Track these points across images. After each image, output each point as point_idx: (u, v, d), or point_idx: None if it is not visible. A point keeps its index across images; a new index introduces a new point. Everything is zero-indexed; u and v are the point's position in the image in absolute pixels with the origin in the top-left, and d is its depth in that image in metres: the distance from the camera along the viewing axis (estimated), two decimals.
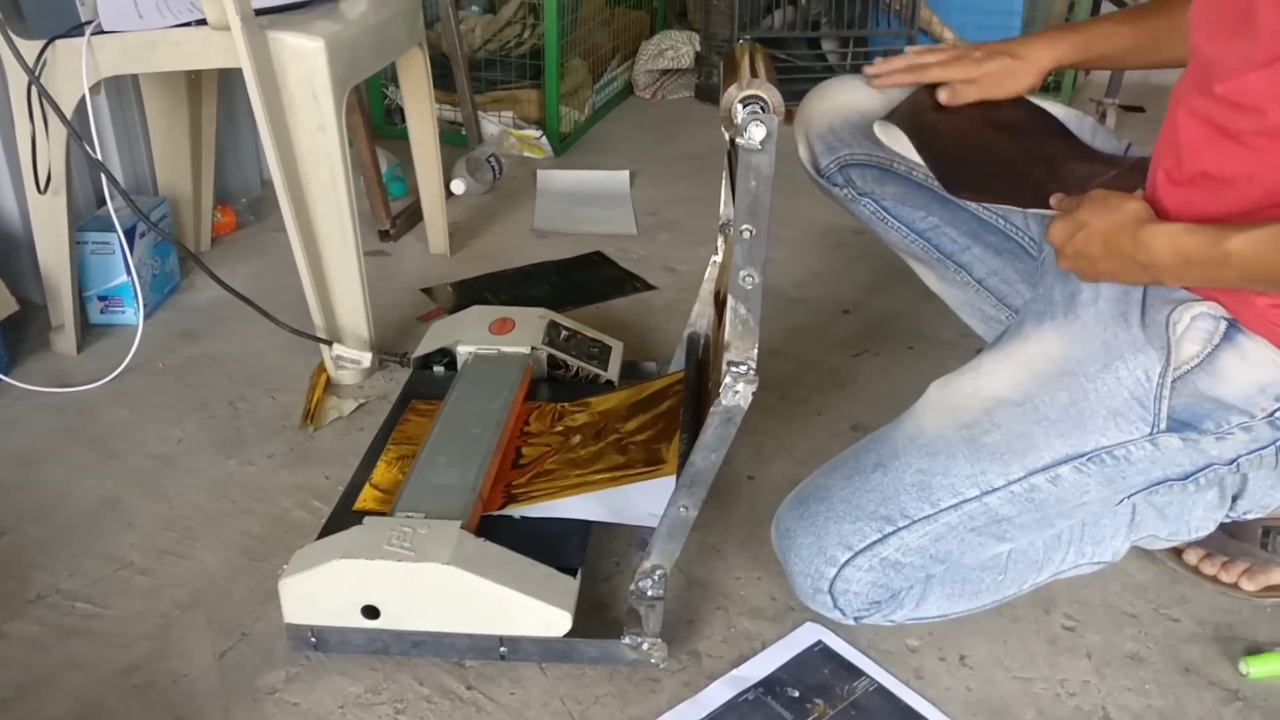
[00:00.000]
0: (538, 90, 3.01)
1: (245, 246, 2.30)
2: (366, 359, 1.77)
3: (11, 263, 1.88)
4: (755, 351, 1.03)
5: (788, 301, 2.11)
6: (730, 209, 1.43)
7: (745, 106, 0.96)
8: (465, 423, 1.45)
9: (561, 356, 1.65)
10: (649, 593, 1.18)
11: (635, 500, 1.36)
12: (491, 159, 2.69)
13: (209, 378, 1.80)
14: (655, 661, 1.22)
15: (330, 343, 1.75)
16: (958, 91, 1.40)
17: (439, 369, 1.70)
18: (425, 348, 1.70)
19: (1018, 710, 1.20)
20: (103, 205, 1.94)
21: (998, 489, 1.12)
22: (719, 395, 1.03)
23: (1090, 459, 1.10)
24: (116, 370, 1.76)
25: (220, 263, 2.10)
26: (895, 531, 1.14)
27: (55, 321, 1.84)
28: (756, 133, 0.95)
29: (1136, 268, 1.06)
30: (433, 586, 1.16)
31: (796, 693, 1.20)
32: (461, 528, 1.21)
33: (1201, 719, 1.19)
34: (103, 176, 1.65)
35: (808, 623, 1.29)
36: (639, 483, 1.37)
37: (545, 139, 2.95)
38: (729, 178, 1.40)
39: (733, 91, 0.97)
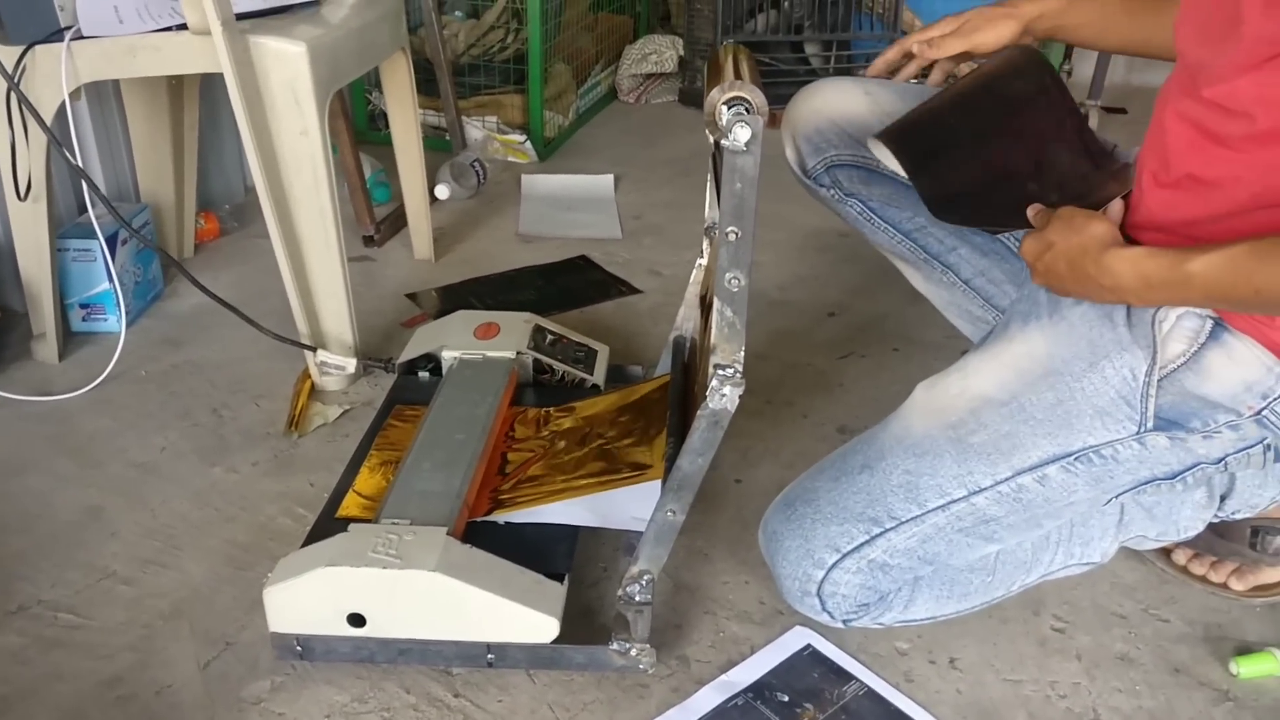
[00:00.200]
0: (521, 95, 3.01)
1: (229, 253, 2.29)
2: (351, 365, 1.76)
3: None
4: (742, 354, 1.02)
5: (773, 304, 2.11)
6: (715, 212, 1.43)
7: (730, 108, 0.95)
8: (450, 428, 1.44)
9: (547, 361, 1.64)
10: (637, 598, 1.17)
11: (621, 505, 1.36)
12: (476, 164, 2.68)
13: (192, 385, 1.79)
14: (644, 667, 1.21)
15: (315, 349, 1.74)
16: (940, 45, 1.41)
17: (424, 374, 1.69)
18: (410, 353, 1.70)
19: (1008, 713, 1.20)
20: (84, 212, 1.92)
21: (985, 489, 1.12)
22: (706, 399, 1.03)
23: (1078, 458, 1.10)
24: (99, 378, 1.75)
25: (203, 269, 2.09)
26: (883, 533, 1.14)
27: (36, 329, 1.82)
28: (741, 134, 0.95)
29: (1101, 289, 1.06)
30: (419, 594, 1.16)
31: (786, 697, 1.20)
32: (447, 534, 1.20)
33: (1192, 719, 1.19)
34: (83, 183, 1.64)
35: (796, 626, 1.29)
36: (625, 488, 1.36)
37: (529, 144, 2.94)
38: (714, 180, 1.39)
39: (716, 93, 0.96)
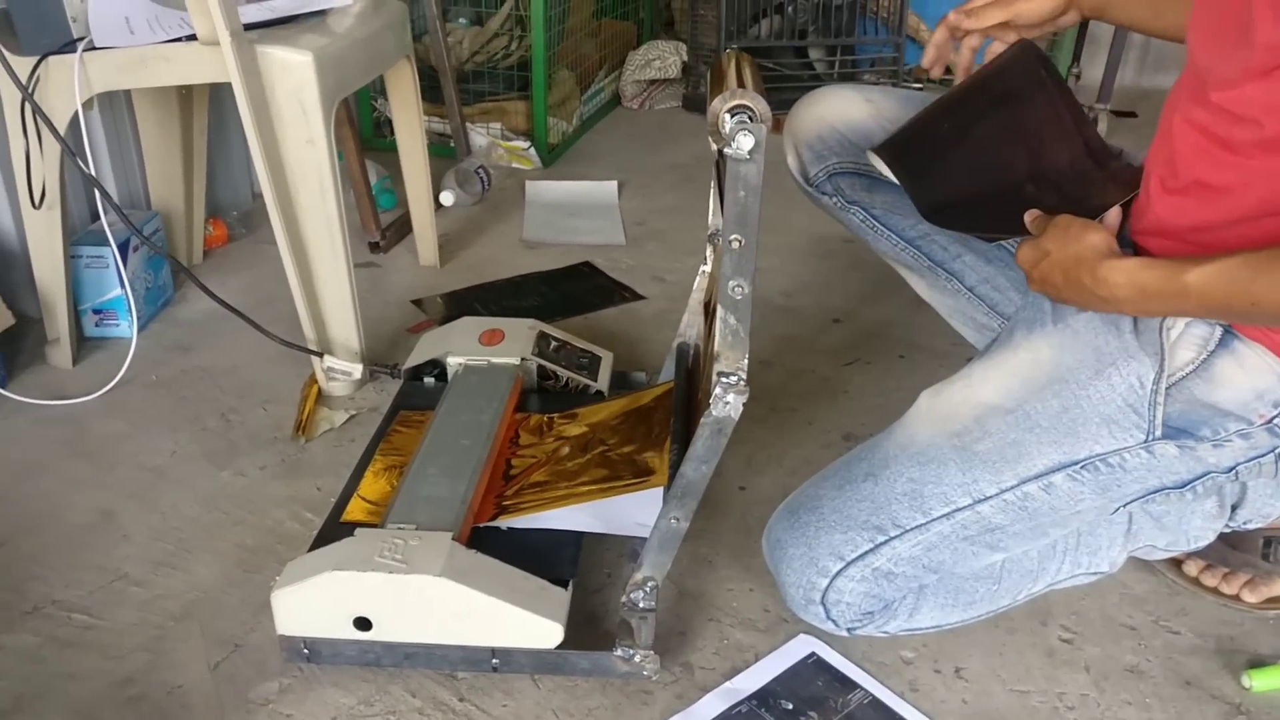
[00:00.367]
0: (525, 102, 3.02)
1: (237, 259, 2.31)
2: (357, 370, 1.77)
3: (7, 277, 1.88)
4: (746, 362, 1.03)
5: (778, 311, 2.11)
6: (719, 219, 1.44)
7: (733, 116, 0.95)
8: (456, 434, 1.45)
9: (551, 367, 1.65)
10: (641, 604, 1.18)
11: (624, 511, 1.37)
12: (480, 170, 2.69)
13: (201, 390, 1.80)
14: (648, 673, 1.22)
15: (321, 354, 1.75)
16: (979, 15, 1.37)
17: (429, 380, 1.70)
18: (416, 359, 1.71)
19: None
20: (96, 220, 1.94)
21: (990, 497, 1.11)
22: (709, 406, 1.03)
23: (1084, 466, 1.09)
24: (111, 383, 1.76)
25: (212, 275, 2.11)
26: (887, 541, 1.14)
27: (50, 335, 1.84)
28: (744, 142, 0.95)
29: (1097, 300, 1.06)
30: (425, 598, 1.16)
31: (790, 705, 1.20)
32: (453, 539, 1.21)
33: None
34: (96, 191, 1.65)
35: (801, 634, 1.29)
36: (628, 494, 1.37)
37: (533, 150, 2.95)
38: (717, 188, 1.40)
39: (720, 101, 0.97)
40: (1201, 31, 1.09)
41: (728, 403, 1.03)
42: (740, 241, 1.00)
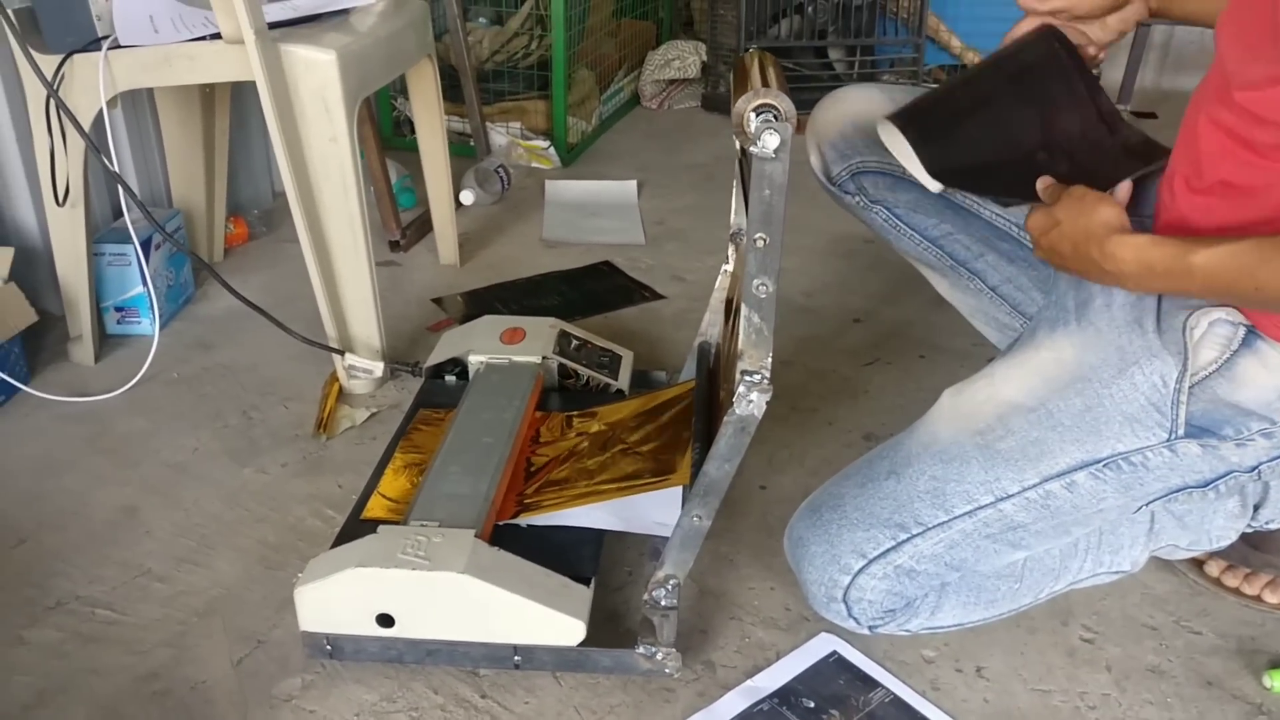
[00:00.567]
0: (545, 101, 3.03)
1: (257, 257, 2.32)
2: (378, 368, 1.78)
3: (30, 274, 1.89)
4: (769, 360, 1.03)
5: (799, 311, 2.11)
6: (741, 218, 1.44)
7: (758, 115, 0.95)
8: (477, 432, 1.46)
9: (572, 366, 1.65)
10: (663, 602, 1.18)
11: (644, 510, 1.37)
12: (500, 170, 2.70)
13: (223, 387, 1.81)
14: (670, 671, 1.22)
15: (343, 352, 1.76)
16: None
17: (450, 378, 1.71)
18: (437, 357, 1.71)
19: None
20: (119, 218, 1.95)
21: (1012, 495, 1.11)
22: (733, 404, 1.03)
23: (1106, 465, 1.09)
24: (133, 380, 1.77)
25: (233, 273, 2.11)
26: (909, 539, 1.14)
27: (73, 332, 1.85)
28: (770, 141, 0.95)
29: (1102, 273, 1.07)
30: (447, 595, 1.17)
31: (812, 703, 1.20)
32: (475, 536, 1.22)
33: None
34: (120, 189, 1.66)
35: (822, 633, 1.29)
36: (648, 493, 1.37)
37: (553, 149, 2.96)
38: (740, 186, 1.40)
39: (745, 100, 0.97)
40: (1230, 29, 1.08)
41: (751, 401, 1.03)
42: (765, 240, 1.00)
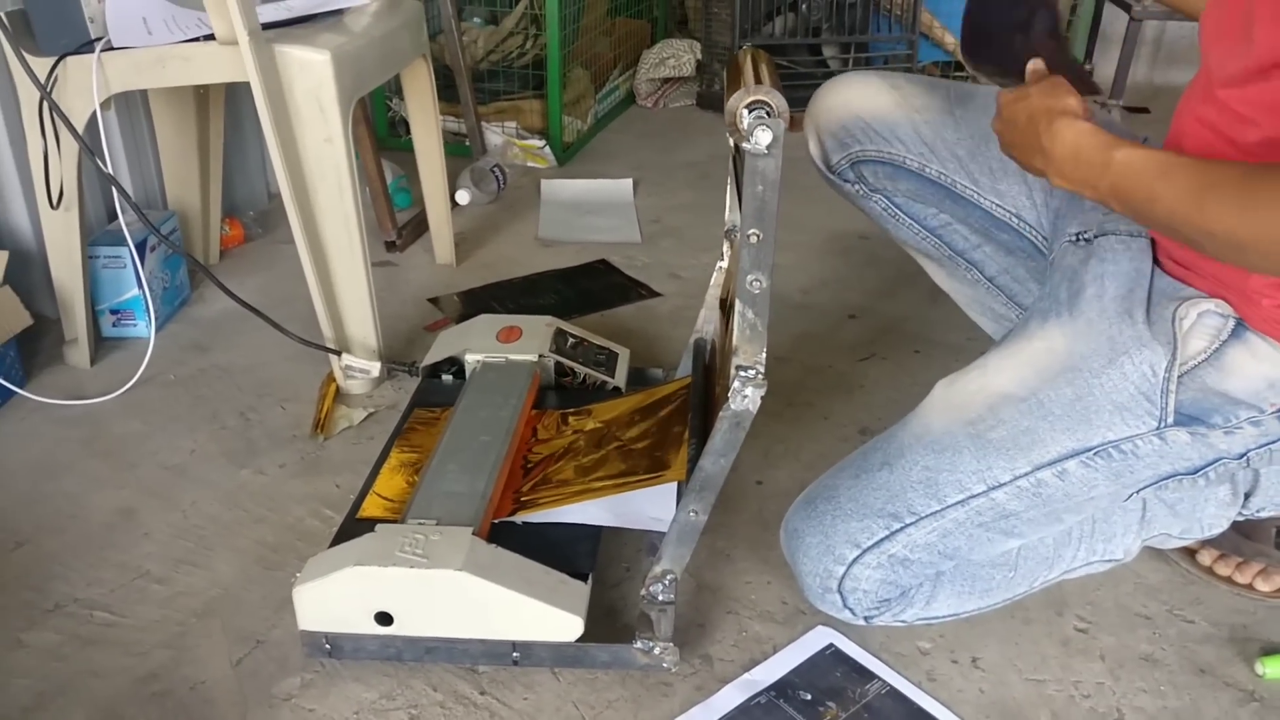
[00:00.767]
0: (540, 100, 3.03)
1: (253, 259, 2.32)
2: (375, 368, 1.78)
3: (25, 277, 1.89)
4: (763, 356, 1.03)
5: (794, 307, 2.12)
6: (736, 215, 1.44)
7: (751, 112, 0.96)
8: (475, 430, 1.46)
9: (569, 364, 1.66)
10: (660, 597, 1.18)
11: (639, 506, 1.37)
12: (495, 169, 2.70)
13: (220, 389, 1.81)
14: (667, 666, 1.22)
15: (339, 353, 1.76)
16: None
17: (447, 377, 1.71)
18: (434, 356, 1.71)
19: (1031, 713, 1.20)
20: (114, 220, 1.95)
21: (1004, 484, 1.12)
22: (728, 400, 1.04)
23: (1097, 453, 1.10)
24: (129, 383, 1.77)
25: (229, 275, 2.11)
26: (903, 528, 1.15)
27: (68, 335, 1.85)
28: (763, 138, 0.96)
29: (1036, 151, 1.08)
30: (446, 593, 1.17)
31: (809, 696, 1.20)
32: (473, 534, 1.22)
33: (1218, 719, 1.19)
34: (114, 191, 1.66)
35: (819, 626, 1.30)
36: (642, 489, 1.37)
37: (548, 149, 2.96)
38: (734, 183, 1.40)
39: (738, 97, 0.97)
40: (1211, 27, 1.10)
41: (746, 396, 1.03)
42: (758, 236, 1.00)
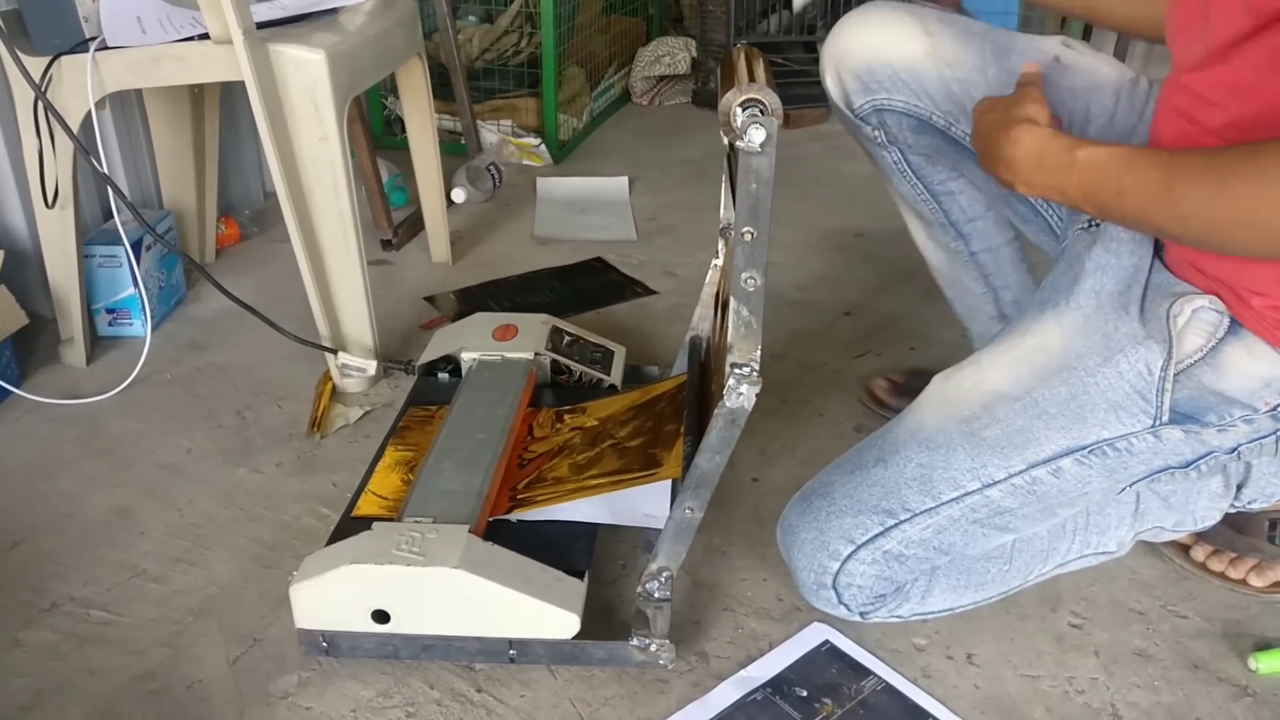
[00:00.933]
0: (536, 98, 3.03)
1: (249, 258, 2.32)
2: (372, 367, 1.78)
3: (20, 277, 1.89)
4: (758, 353, 1.03)
5: (789, 304, 2.12)
6: (730, 212, 1.45)
7: (744, 110, 0.96)
8: (471, 428, 1.46)
9: (565, 362, 1.66)
10: (656, 594, 1.19)
11: (633, 502, 1.38)
12: (491, 167, 2.70)
13: (216, 388, 1.81)
14: (663, 663, 1.23)
15: (335, 351, 1.76)
16: None
17: (444, 376, 1.71)
18: (430, 355, 1.71)
19: (1026, 708, 1.20)
20: (109, 219, 1.95)
21: (998, 482, 1.12)
22: (723, 397, 1.04)
23: (1091, 451, 1.10)
24: (125, 382, 1.77)
25: (225, 274, 2.11)
26: (897, 524, 1.15)
27: (64, 334, 1.85)
28: (756, 136, 0.96)
29: (998, 158, 1.10)
30: (442, 590, 1.17)
31: (804, 692, 1.21)
32: (469, 532, 1.22)
33: (1211, 715, 1.19)
34: (109, 190, 1.66)
35: (815, 623, 1.30)
36: (637, 487, 1.38)
37: (544, 147, 2.96)
38: (728, 181, 1.41)
39: (731, 95, 0.97)
40: (1174, 17, 1.12)
41: (741, 393, 1.04)
42: (752, 234, 1.01)
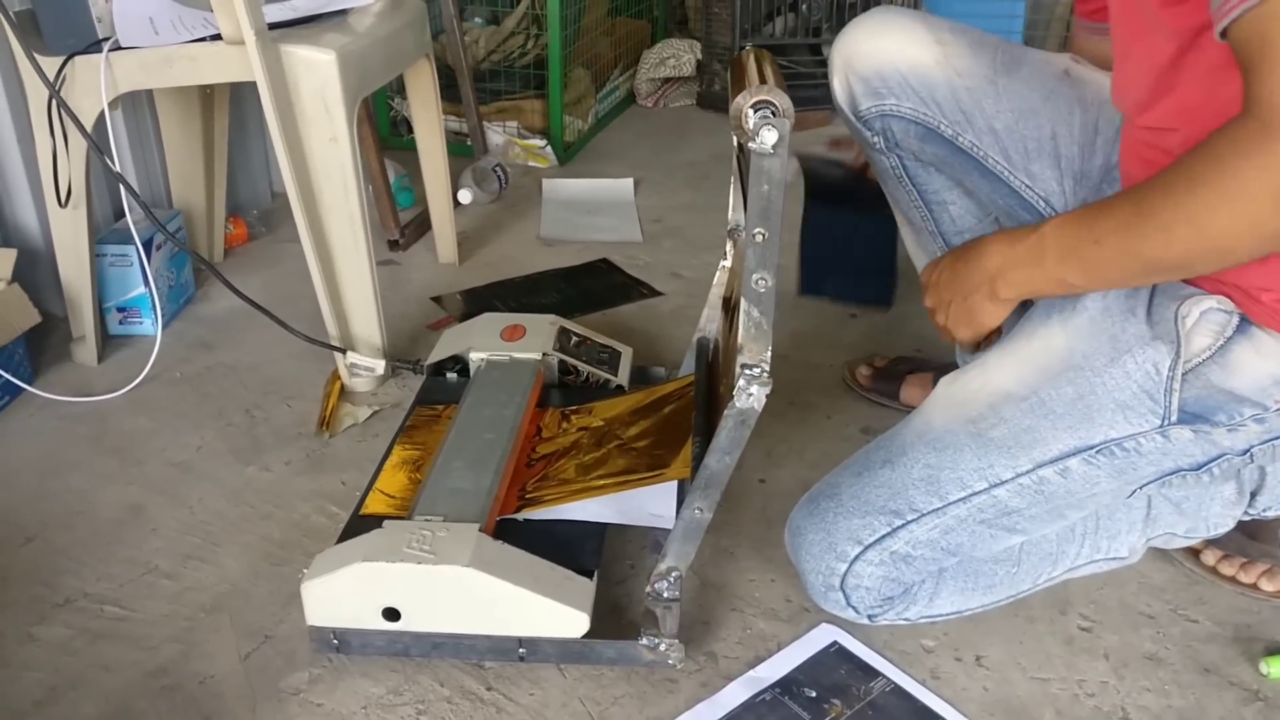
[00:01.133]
0: (541, 100, 3.04)
1: (257, 257, 2.33)
2: (380, 366, 1.79)
3: (33, 275, 1.90)
4: (769, 354, 1.04)
5: (796, 306, 2.12)
6: (739, 214, 1.45)
7: (756, 111, 0.96)
8: (480, 428, 1.47)
9: (572, 362, 1.67)
10: (665, 594, 1.19)
11: (639, 501, 1.38)
12: (497, 169, 2.71)
13: (225, 386, 1.82)
14: (672, 662, 1.23)
15: (344, 350, 1.77)
16: None
17: (452, 375, 1.72)
18: (438, 354, 1.72)
19: (1036, 710, 1.20)
20: (120, 218, 1.96)
21: (1005, 482, 1.12)
22: (733, 398, 1.05)
23: (1099, 451, 1.10)
24: (136, 380, 1.78)
25: (233, 273, 2.12)
26: (904, 525, 1.15)
27: (76, 333, 1.86)
28: (768, 137, 0.97)
29: (969, 279, 1.19)
30: (452, 589, 1.18)
31: (813, 693, 1.21)
32: (479, 531, 1.23)
33: (1222, 719, 1.20)
34: (121, 190, 1.67)
35: (823, 624, 1.30)
36: (643, 487, 1.38)
37: (550, 148, 2.97)
38: (738, 182, 1.41)
39: (743, 97, 0.97)
40: (1117, 86, 1.20)
41: (751, 394, 1.04)
42: (763, 235, 1.01)
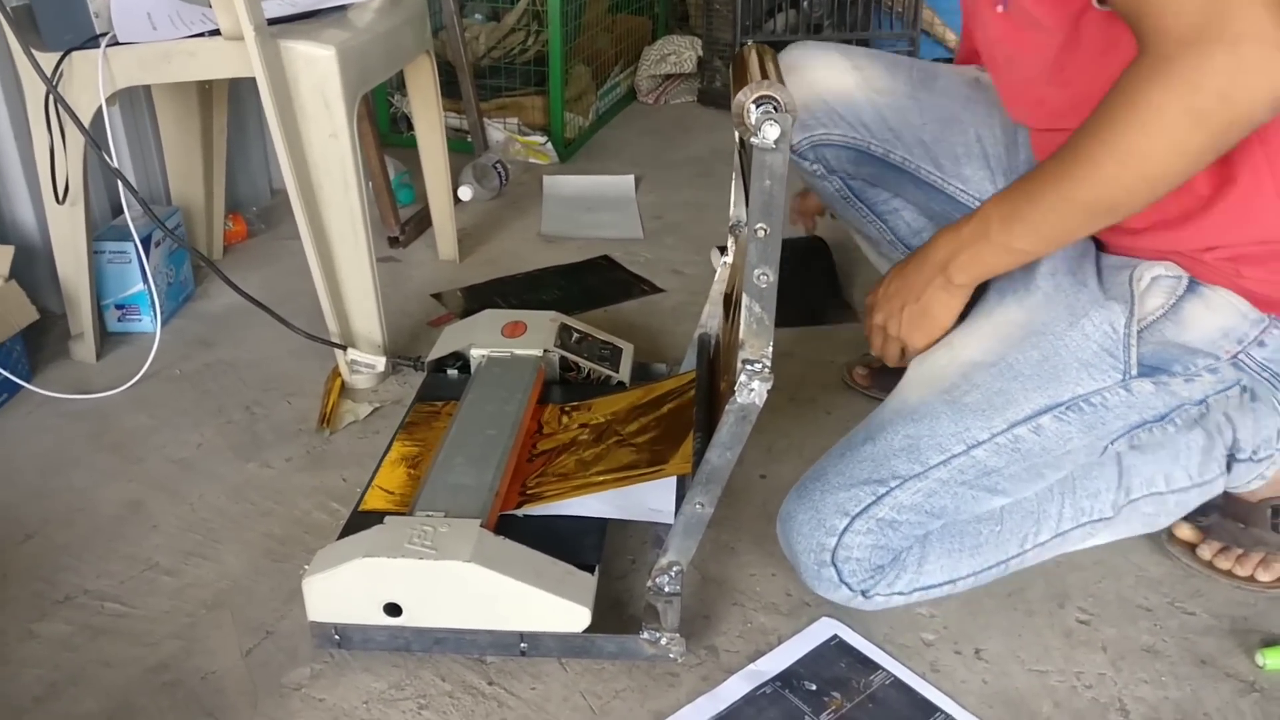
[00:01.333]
0: (542, 97, 3.03)
1: (256, 254, 2.32)
2: (381, 363, 1.79)
3: (31, 272, 1.90)
4: (770, 350, 1.04)
5: None
6: (740, 210, 1.45)
7: (759, 106, 0.97)
8: (481, 424, 1.47)
9: (573, 358, 1.66)
10: (666, 589, 1.19)
11: (639, 497, 1.38)
12: (498, 165, 2.71)
13: (225, 383, 1.82)
14: (673, 656, 1.23)
15: (345, 347, 1.77)
16: None
17: (453, 372, 1.71)
18: (439, 351, 1.72)
19: (1034, 703, 1.21)
20: (119, 215, 1.96)
21: (983, 442, 1.17)
22: (735, 393, 1.05)
23: (1069, 407, 1.16)
24: (135, 377, 1.78)
25: (233, 270, 2.11)
26: (888, 492, 1.17)
27: (74, 330, 1.86)
28: (770, 132, 0.97)
29: (921, 272, 1.24)
30: (454, 584, 1.18)
31: (813, 686, 1.21)
32: (481, 526, 1.23)
33: (1219, 710, 1.20)
34: (120, 186, 1.67)
35: (823, 618, 1.31)
36: (643, 483, 1.38)
37: (550, 145, 2.97)
38: (740, 178, 1.41)
39: (746, 92, 0.98)
40: (1012, 108, 1.32)
41: (753, 389, 1.04)
42: (765, 230, 1.01)
